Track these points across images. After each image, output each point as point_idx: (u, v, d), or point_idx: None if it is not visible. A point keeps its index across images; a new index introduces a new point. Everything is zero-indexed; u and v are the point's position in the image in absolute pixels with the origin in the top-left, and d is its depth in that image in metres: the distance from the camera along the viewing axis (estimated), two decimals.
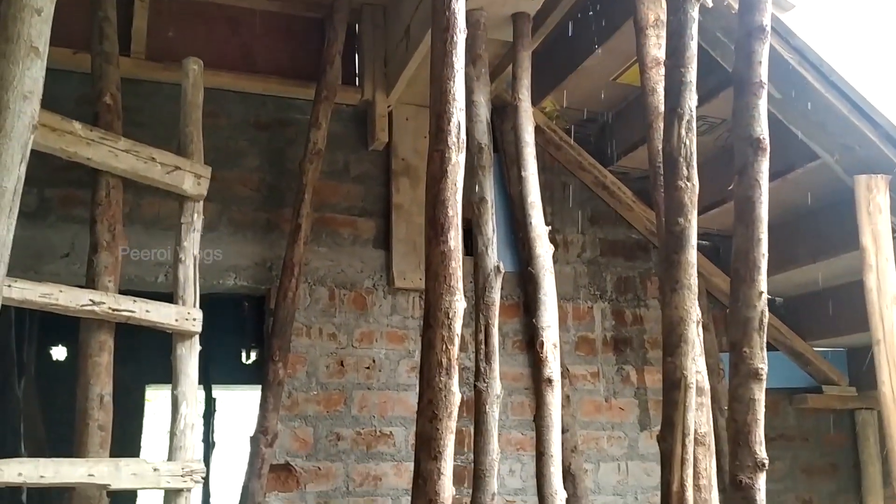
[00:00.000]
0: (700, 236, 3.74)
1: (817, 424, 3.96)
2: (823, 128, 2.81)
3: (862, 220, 2.81)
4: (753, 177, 1.74)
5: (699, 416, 2.39)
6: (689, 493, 1.73)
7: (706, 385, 2.45)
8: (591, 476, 3.46)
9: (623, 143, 3.69)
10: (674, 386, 1.75)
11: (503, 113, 3.43)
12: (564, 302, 3.61)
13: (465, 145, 1.88)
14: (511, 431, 3.40)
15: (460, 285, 1.82)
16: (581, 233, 3.74)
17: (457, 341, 1.80)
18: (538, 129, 3.51)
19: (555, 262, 3.65)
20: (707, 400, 2.44)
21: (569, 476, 3.25)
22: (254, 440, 2.87)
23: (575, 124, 3.80)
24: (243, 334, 5.34)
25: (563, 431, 3.30)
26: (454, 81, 1.87)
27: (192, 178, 2.48)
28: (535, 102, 3.41)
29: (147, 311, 2.28)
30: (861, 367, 3.76)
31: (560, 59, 3.41)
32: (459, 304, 1.81)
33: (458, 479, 3.21)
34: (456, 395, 1.78)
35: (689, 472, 1.74)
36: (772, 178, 3.22)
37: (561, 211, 3.71)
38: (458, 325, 1.80)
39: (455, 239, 1.83)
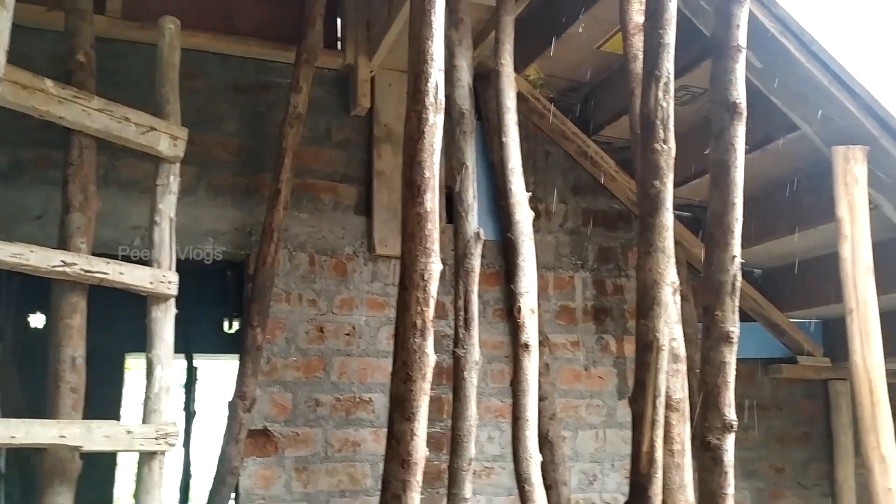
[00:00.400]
0: (682, 207, 3.82)
1: (792, 394, 4.01)
2: (803, 98, 2.81)
3: (839, 190, 2.82)
4: (729, 141, 1.74)
5: (674, 383, 2.42)
6: (659, 454, 1.75)
7: (682, 352, 2.47)
8: (569, 443, 3.50)
9: (606, 113, 3.68)
10: (646, 348, 1.76)
11: (487, 81, 3.40)
12: (546, 271, 3.63)
13: (443, 107, 1.86)
14: (490, 399, 3.43)
15: (436, 247, 1.81)
16: (563, 202, 3.74)
17: (432, 303, 1.80)
18: (522, 98, 3.50)
19: (537, 231, 3.65)
20: (683, 367, 2.46)
21: (546, 443, 3.29)
22: (231, 405, 2.87)
23: (559, 93, 3.79)
24: (226, 303, 5.32)
25: (542, 399, 3.34)
26: (432, 41, 1.84)
27: (167, 140, 2.44)
28: (518, 70, 3.39)
29: (121, 273, 2.26)
30: (835, 338, 3.80)
31: (544, 26, 3.38)
32: (435, 267, 1.81)
33: (437, 446, 3.24)
34: (430, 356, 1.78)
35: (660, 433, 1.76)
36: (752, 148, 3.28)
37: (544, 180, 3.71)
38: (433, 288, 1.80)
39: (431, 201, 1.83)
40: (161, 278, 2.35)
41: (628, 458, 3.53)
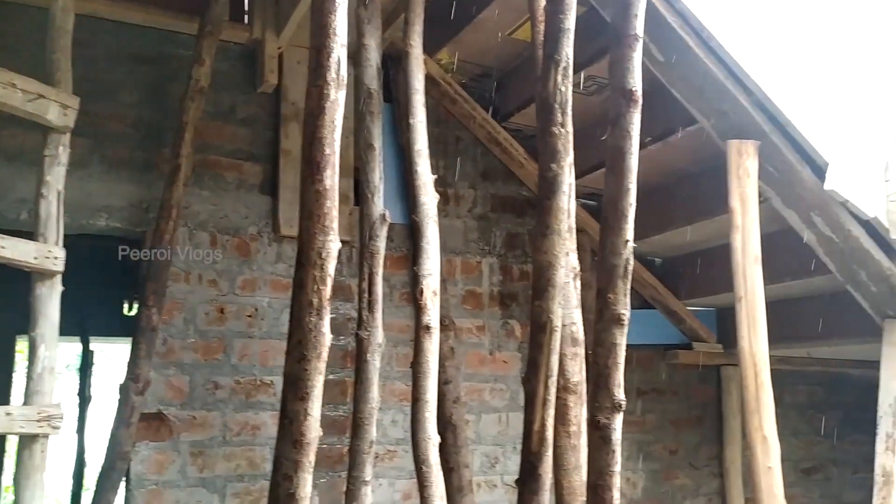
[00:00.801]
0: (588, 196, 3.90)
1: (687, 379, 4.17)
2: (702, 93, 2.91)
3: (732, 183, 2.94)
4: (625, 128, 1.78)
5: (573, 366, 2.47)
6: (550, 433, 1.79)
7: (581, 336, 2.53)
8: (472, 427, 3.54)
9: (516, 100, 3.72)
10: (540, 329, 1.79)
11: (397, 62, 3.38)
12: (453, 256, 3.64)
13: (345, 83, 1.84)
14: (395, 382, 3.42)
15: (335, 226, 1.79)
16: (473, 188, 3.76)
17: (329, 282, 1.78)
18: (433, 82, 3.49)
19: (445, 216, 3.69)
20: (581, 351, 2.52)
21: (450, 426, 3.31)
22: (123, 388, 2.76)
23: (471, 79, 3.80)
24: (125, 284, 5.13)
25: (447, 383, 3.36)
26: (335, 15, 1.81)
27: (57, 108, 2.32)
28: (430, 53, 3.39)
29: (2, 247, 2.14)
30: (728, 325, 3.97)
31: (457, 10, 3.38)
32: (333, 245, 1.78)
33: (339, 429, 3.22)
34: (326, 336, 1.76)
35: (551, 412, 1.79)
36: (654, 140, 3.38)
37: (453, 165, 3.72)
38: (330, 266, 1.78)
39: (331, 178, 1.80)
40: (46, 254, 2.23)
41: None
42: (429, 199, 2.56)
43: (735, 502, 4.04)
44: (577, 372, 2.49)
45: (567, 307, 2.47)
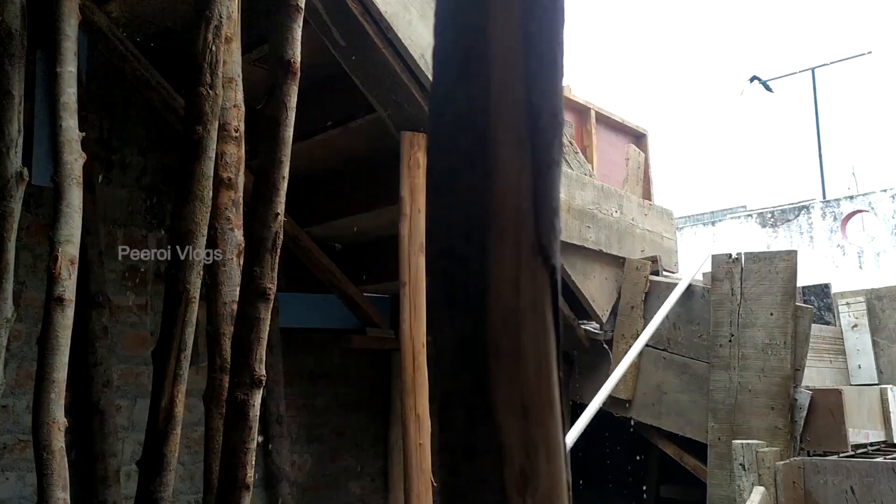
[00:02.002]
0: None
1: (359, 363, 4.29)
2: (380, 82, 2.99)
3: (403, 173, 3.07)
4: (281, 98, 1.74)
5: (230, 346, 2.38)
6: (180, 409, 1.69)
7: None
8: (125, 412, 3.27)
9: None
10: (175, 300, 1.68)
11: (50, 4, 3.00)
12: (115, 227, 3.34)
13: None
14: (33, 364, 3.03)
15: None
16: (142, 156, 3.48)
17: None
18: (101, 35, 3.16)
19: (108, 183, 3.36)
20: None
21: (97, 412, 3.03)
22: None
23: (147, 37, 3.51)
24: None
25: (96, 365, 3.07)
26: None
27: None
28: (98, 2, 3.06)
29: None
30: (399, 311, 4.15)
31: None
32: None
33: None
34: None
35: (182, 388, 1.69)
36: (334, 125, 3.41)
37: (121, 129, 3.41)
38: None
39: None
40: None
41: (192, 426, 3.47)
42: (73, 158, 2.29)
43: (396, 480, 4.24)
44: None
45: (230, 285, 2.38)
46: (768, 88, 11.83)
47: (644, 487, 4.37)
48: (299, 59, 1.77)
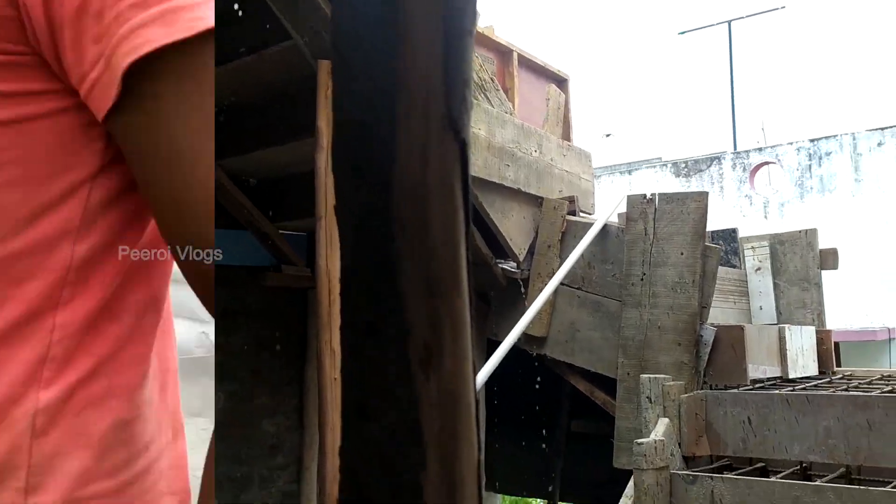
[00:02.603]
0: None
1: (275, 301, 4.22)
2: (295, 7, 2.87)
3: (319, 103, 2.95)
4: None
5: None
6: None
7: None
8: None
9: None
10: None
11: None
12: None
13: None
14: None
15: None
16: None
17: None
18: None
19: None
20: None
21: None
22: None
23: None
24: None
25: None
26: None
27: None
28: None
29: None
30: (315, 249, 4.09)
31: None
32: None
33: None
34: None
35: None
36: (247, 52, 3.26)
37: None
38: None
39: None
40: None
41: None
42: None
43: (311, 417, 4.24)
44: None
45: None
46: None
47: (556, 422, 4.51)
48: None
